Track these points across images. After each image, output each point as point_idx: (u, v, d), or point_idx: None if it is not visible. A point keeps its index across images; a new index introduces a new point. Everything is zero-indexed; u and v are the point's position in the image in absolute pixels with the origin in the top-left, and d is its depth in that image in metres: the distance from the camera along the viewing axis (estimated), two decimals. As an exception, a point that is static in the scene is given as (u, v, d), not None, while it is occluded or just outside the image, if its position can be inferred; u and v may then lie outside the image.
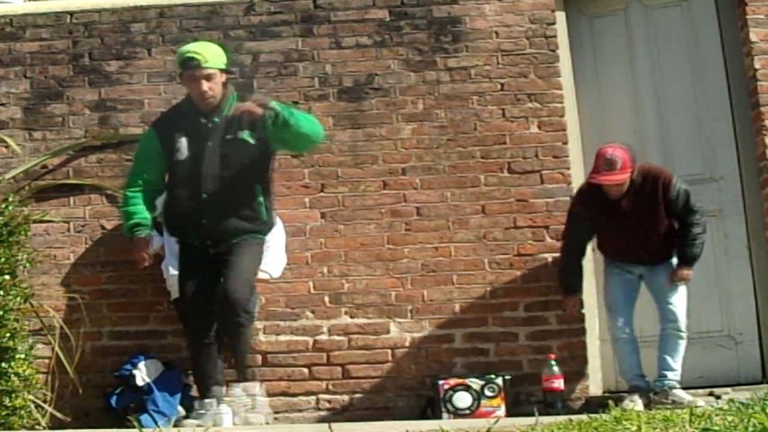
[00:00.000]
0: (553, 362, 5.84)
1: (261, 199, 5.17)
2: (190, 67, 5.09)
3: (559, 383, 5.80)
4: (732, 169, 6.33)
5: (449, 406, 5.90)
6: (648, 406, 5.44)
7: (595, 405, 5.37)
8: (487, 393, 5.92)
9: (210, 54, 5.12)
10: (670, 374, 5.61)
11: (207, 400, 5.14)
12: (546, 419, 4.17)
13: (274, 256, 5.86)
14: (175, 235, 5.34)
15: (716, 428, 3.22)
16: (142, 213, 5.17)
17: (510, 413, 5.77)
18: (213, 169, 5.08)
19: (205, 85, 5.07)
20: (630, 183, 5.72)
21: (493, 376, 5.96)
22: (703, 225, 5.77)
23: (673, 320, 5.66)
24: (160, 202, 5.37)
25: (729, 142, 6.35)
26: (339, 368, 6.17)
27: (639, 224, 5.69)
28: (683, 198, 5.72)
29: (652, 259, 5.78)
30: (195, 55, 5.09)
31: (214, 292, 5.09)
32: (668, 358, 5.62)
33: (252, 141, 5.14)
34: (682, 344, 5.63)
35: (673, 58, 6.52)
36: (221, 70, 5.15)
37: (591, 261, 6.39)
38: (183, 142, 5.12)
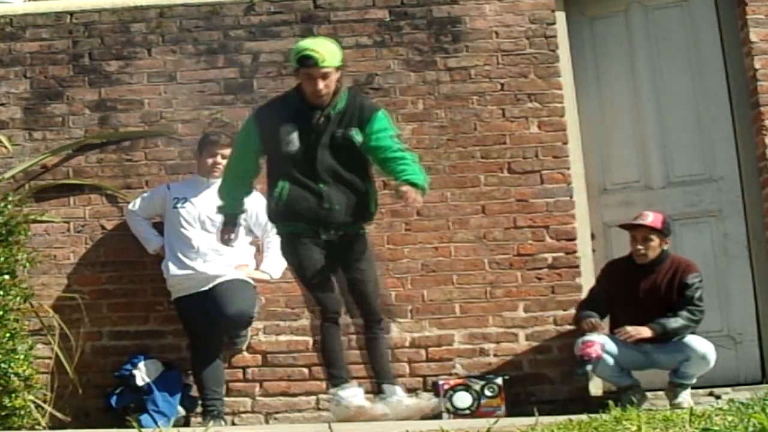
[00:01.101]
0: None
1: (371, 190, 5.21)
2: (307, 66, 5.08)
3: (594, 350, 5.60)
4: (732, 169, 6.33)
5: (449, 406, 5.90)
6: (642, 402, 5.46)
7: (595, 405, 5.37)
8: (487, 393, 5.92)
9: (327, 52, 5.11)
10: (685, 381, 5.63)
11: (347, 384, 5.08)
12: (546, 419, 4.17)
13: (274, 256, 5.86)
14: (282, 224, 5.26)
15: (716, 428, 3.22)
16: (234, 202, 5.29)
17: (510, 413, 5.77)
18: (328, 161, 5.10)
19: (321, 84, 5.07)
20: (660, 261, 5.77)
21: (493, 376, 5.96)
22: (694, 324, 5.69)
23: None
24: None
25: (729, 142, 6.35)
26: (339, 368, 6.16)
27: (651, 310, 5.67)
28: (697, 291, 5.72)
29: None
30: (313, 54, 5.06)
31: (331, 271, 5.15)
32: (688, 373, 5.65)
33: (358, 138, 5.15)
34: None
35: (673, 58, 6.52)
36: (336, 68, 5.15)
37: (591, 261, 6.40)
38: (294, 135, 5.10)
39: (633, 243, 5.84)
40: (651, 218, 5.79)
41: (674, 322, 5.62)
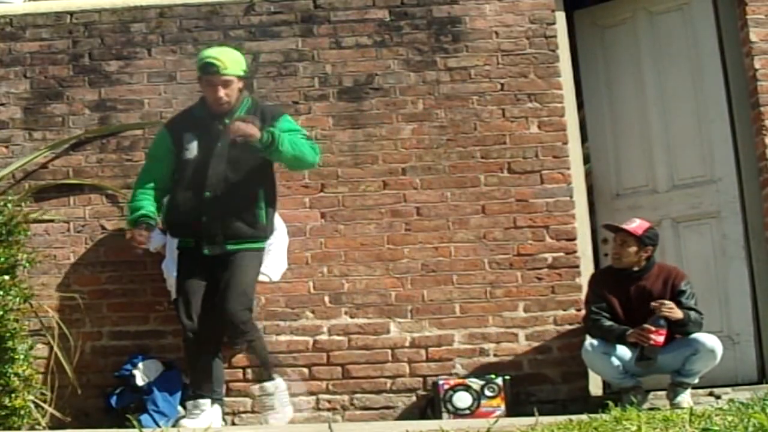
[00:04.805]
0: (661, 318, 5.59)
1: (262, 204, 5.20)
2: (208, 73, 5.15)
3: (662, 339, 5.51)
4: (730, 170, 6.33)
5: (449, 406, 5.90)
6: (642, 402, 5.45)
7: (595, 405, 5.37)
8: (487, 393, 5.92)
9: (229, 60, 5.18)
10: (687, 379, 5.62)
11: (201, 401, 5.14)
12: (546, 419, 4.17)
13: (274, 259, 5.87)
14: (173, 234, 5.34)
15: (716, 428, 3.22)
16: (148, 207, 5.22)
17: (510, 413, 5.77)
18: (219, 169, 5.12)
19: (222, 92, 5.13)
20: (646, 269, 5.75)
21: (493, 376, 5.96)
22: (698, 322, 5.63)
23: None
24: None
25: (728, 143, 6.36)
26: (339, 368, 6.17)
27: (645, 315, 5.62)
28: (693, 297, 5.70)
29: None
30: (214, 61, 5.14)
31: (209, 297, 5.15)
32: (693, 370, 5.62)
33: (259, 146, 5.16)
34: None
35: (675, 62, 6.54)
36: (239, 77, 5.18)
37: (591, 261, 6.40)
38: (193, 143, 5.17)
39: (613, 246, 5.86)
40: (634, 225, 5.79)
41: (693, 314, 5.61)
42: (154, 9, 6.58)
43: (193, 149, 5.17)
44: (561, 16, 6.54)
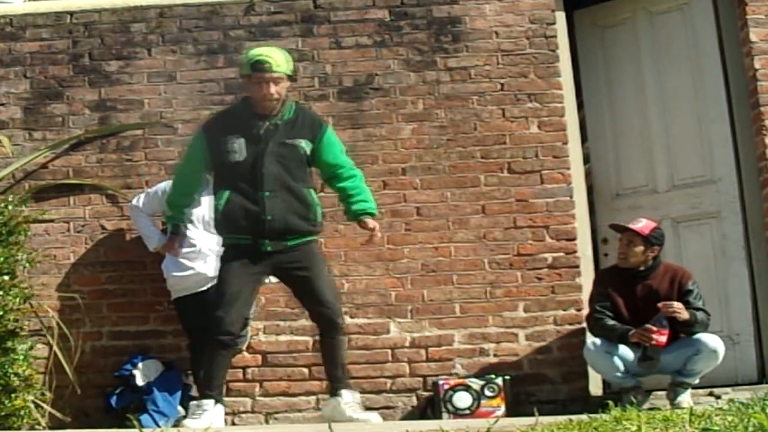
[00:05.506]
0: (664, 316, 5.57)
1: (314, 201, 5.24)
2: (260, 70, 5.13)
3: (665, 339, 5.51)
4: (730, 170, 6.33)
5: (449, 406, 5.90)
6: (642, 402, 5.45)
7: (595, 405, 5.37)
8: (487, 393, 5.92)
9: (280, 59, 5.19)
10: (688, 379, 5.62)
11: (205, 401, 5.14)
12: (546, 419, 4.17)
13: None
14: (226, 233, 5.29)
15: (716, 428, 3.22)
16: (183, 213, 5.38)
17: (510, 413, 5.77)
18: (273, 169, 5.14)
19: (273, 88, 5.13)
20: (652, 268, 5.74)
21: (493, 376, 5.96)
22: (705, 323, 5.64)
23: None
24: (206, 201, 5.53)
25: (727, 143, 6.35)
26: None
27: (651, 315, 5.61)
28: (700, 297, 5.70)
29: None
30: (266, 59, 5.15)
31: (251, 298, 5.29)
32: (695, 370, 5.62)
33: (307, 150, 5.22)
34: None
35: (675, 62, 6.54)
36: (288, 76, 5.21)
37: (591, 261, 6.40)
38: (240, 143, 5.16)
39: (619, 245, 5.85)
40: (640, 224, 5.78)
41: (700, 315, 5.61)
42: (154, 9, 6.58)
43: (241, 150, 5.16)
44: (561, 16, 6.54)
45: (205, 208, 5.96)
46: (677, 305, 5.56)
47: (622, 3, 6.78)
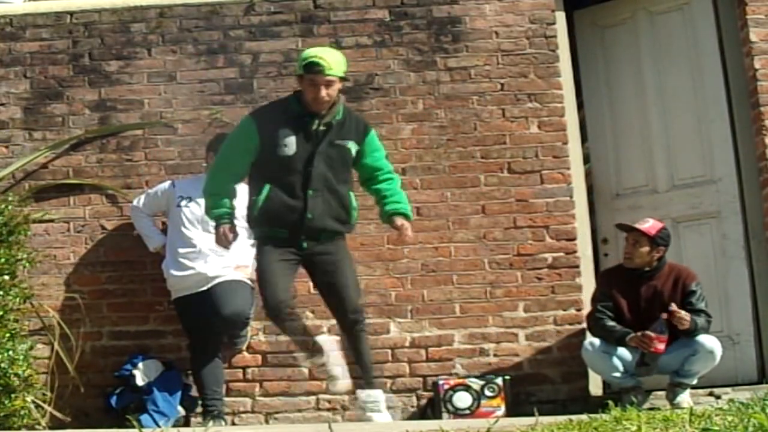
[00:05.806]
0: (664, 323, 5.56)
1: (354, 203, 5.24)
2: (313, 72, 5.11)
3: (663, 347, 5.51)
4: (730, 170, 6.34)
5: (449, 406, 5.90)
6: (642, 402, 5.45)
7: (595, 405, 5.37)
8: (487, 393, 5.92)
9: (333, 61, 5.15)
10: (686, 380, 5.62)
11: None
12: (546, 419, 4.17)
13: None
14: (266, 227, 5.28)
15: (716, 428, 3.22)
16: (229, 203, 5.23)
17: (510, 413, 5.77)
18: (321, 168, 5.13)
19: (324, 92, 5.10)
20: (657, 269, 5.74)
21: (493, 376, 5.96)
22: (705, 328, 5.63)
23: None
24: (242, 192, 5.36)
25: (727, 143, 6.36)
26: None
27: (654, 315, 5.62)
28: (703, 299, 5.71)
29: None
30: (320, 61, 5.11)
31: (291, 278, 5.23)
32: (692, 370, 5.62)
33: (353, 152, 5.23)
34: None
35: (675, 62, 6.54)
36: (340, 78, 5.19)
37: (591, 261, 6.40)
38: (291, 139, 5.13)
39: (625, 245, 5.84)
40: (647, 225, 5.77)
41: (700, 321, 5.60)
42: (154, 9, 6.58)
43: (291, 145, 5.12)
44: (561, 16, 6.54)
45: (202, 209, 5.96)
46: (683, 315, 5.54)
47: (622, 3, 6.78)
